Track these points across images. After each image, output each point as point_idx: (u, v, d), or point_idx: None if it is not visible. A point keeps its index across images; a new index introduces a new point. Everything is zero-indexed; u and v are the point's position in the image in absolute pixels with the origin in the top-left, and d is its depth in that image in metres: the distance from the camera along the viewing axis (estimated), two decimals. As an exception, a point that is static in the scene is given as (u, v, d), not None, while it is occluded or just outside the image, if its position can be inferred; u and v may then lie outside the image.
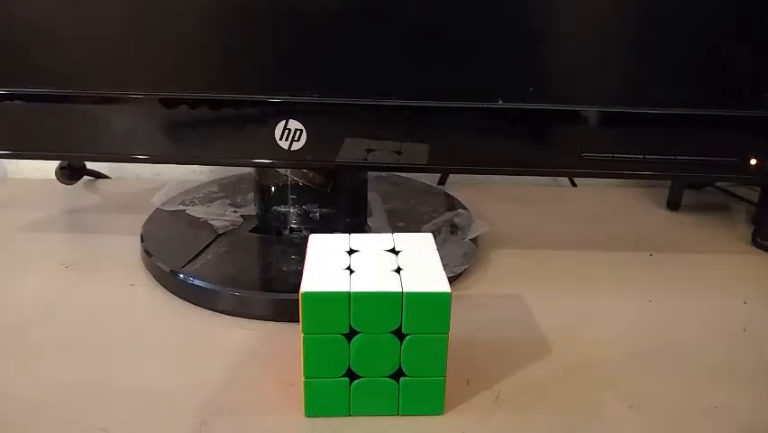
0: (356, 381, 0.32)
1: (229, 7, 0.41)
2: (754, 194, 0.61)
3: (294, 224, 0.49)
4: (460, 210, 0.55)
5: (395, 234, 0.36)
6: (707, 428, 0.34)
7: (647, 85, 0.43)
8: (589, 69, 0.42)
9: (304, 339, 0.31)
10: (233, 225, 0.51)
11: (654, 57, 0.42)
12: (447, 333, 0.31)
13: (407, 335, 0.31)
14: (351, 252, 0.34)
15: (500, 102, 0.42)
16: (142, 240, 0.49)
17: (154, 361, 0.38)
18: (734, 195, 0.64)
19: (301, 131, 0.43)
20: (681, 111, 0.42)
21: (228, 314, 0.42)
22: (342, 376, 0.32)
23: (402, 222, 0.52)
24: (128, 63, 0.42)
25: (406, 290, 0.31)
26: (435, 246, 0.35)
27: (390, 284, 0.31)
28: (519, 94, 0.42)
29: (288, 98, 0.42)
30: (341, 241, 0.35)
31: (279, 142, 0.43)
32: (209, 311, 0.43)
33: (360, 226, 0.51)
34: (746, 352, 0.40)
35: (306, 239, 0.36)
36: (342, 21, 0.41)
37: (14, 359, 0.38)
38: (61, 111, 0.43)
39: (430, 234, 0.37)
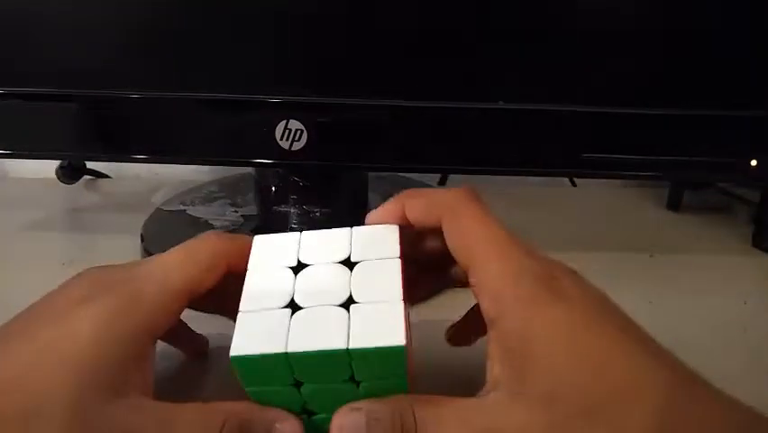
0: (315, 416, 0.29)
1: (229, 7, 0.41)
2: (754, 194, 0.61)
3: (294, 224, 0.49)
4: (460, 210, 0.54)
5: (354, 228, 0.31)
6: (707, 428, 0.34)
7: (647, 85, 0.43)
8: (589, 68, 0.42)
9: (248, 393, 0.27)
10: (233, 225, 0.51)
11: (654, 57, 0.42)
12: (406, 377, 0.27)
13: (363, 381, 0.27)
14: (298, 266, 0.30)
15: (500, 102, 0.42)
16: (142, 240, 0.49)
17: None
18: (734, 195, 0.64)
19: (302, 131, 0.43)
20: (681, 111, 0.42)
21: (228, 314, 0.42)
22: (300, 413, 0.28)
23: (402, 222, 0.52)
24: (128, 63, 0.42)
25: (352, 346, 0.26)
26: (399, 246, 0.30)
27: (333, 337, 0.26)
28: (519, 94, 0.42)
29: (288, 98, 0.42)
30: (288, 248, 0.30)
31: (280, 142, 0.43)
32: (209, 311, 0.43)
33: (360, 226, 0.51)
34: (746, 352, 0.40)
35: None
36: (342, 21, 0.41)
37: (14, 359, 0.38)
38: (61, 111, 0.43)
39: (396, 227, 0.31)
